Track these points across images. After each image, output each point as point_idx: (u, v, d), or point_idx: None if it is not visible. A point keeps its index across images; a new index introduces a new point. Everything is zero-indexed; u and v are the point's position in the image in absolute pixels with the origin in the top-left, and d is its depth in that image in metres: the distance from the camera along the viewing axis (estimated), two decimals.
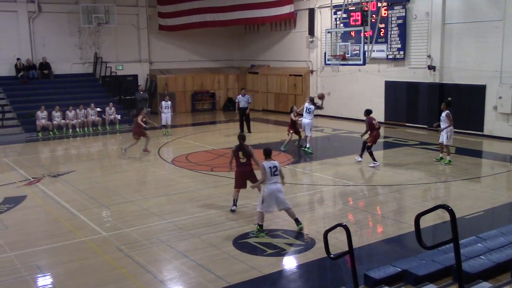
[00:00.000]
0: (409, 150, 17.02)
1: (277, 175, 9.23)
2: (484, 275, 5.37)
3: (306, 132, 16.85)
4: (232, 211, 10.59)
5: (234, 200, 10.67)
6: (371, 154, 14.73)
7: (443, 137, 14.60)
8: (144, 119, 16.92)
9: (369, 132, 14.89)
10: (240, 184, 10.49)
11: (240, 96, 20.70)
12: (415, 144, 18.04)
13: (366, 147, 14.85)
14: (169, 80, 28.35)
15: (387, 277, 5.73)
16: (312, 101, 17.13)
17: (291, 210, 9.53)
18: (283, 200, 9.33)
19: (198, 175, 14.17)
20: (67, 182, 13.51)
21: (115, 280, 7.52)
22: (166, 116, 20.58)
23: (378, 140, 15.36)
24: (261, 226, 9.29)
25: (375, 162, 14.67)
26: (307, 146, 16.84)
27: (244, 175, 10.40)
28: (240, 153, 10.36)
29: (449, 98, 18.85)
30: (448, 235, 4.43)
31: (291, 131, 17.16)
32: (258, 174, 9.99)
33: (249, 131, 20.60)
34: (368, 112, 15.08)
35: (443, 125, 14.56)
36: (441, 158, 15.00)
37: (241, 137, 10.66)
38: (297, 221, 9.47)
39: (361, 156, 15.13)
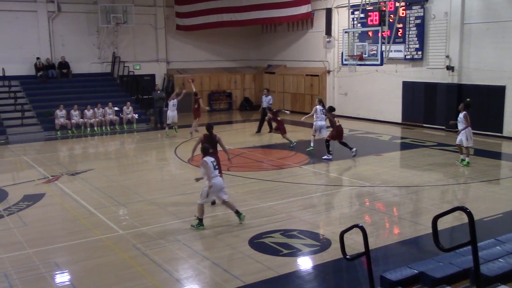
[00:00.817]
0: (426, 151, 16.87)
1: (217, 168, 9.77)
2: (502, 278, 5.30)
3: (322, 133, 16.91)
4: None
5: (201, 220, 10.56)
6: (327, 147, 15.73)
7: (461, 139, 14.43)
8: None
9: (331, 128, 15.91)
10: None
11: (263, 96, 21.16)
12: (433, 145, 17.87)
13: (326, 141, 15.80)
14: (186, 79, 28.44)
15: (404, 279, 5.68)
16: (322, 103, 17.32)
17: (229, 203, 9.88)
18: (224, 192, 9.82)
19: None
20: (85, 180, 13.66)
21: (132, 278, 7.58)
22: (173, 114, 20.35)
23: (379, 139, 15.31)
24: (200, 220, 9.57)
25: (328, 155, 15.67)
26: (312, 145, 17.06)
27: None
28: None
29: (468, 99, 18.65)
30: (466, 237, 4.39)
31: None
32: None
33: (270, 131, 20.75)
34: (330, 109, 16.06)
35: (460, 126, 14.39)
36: (462, 160, 14.77)
37: (209, 127, 11.06)
38: (238, 213, 9.82)
39: (351, 149, 15.87)
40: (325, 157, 15.74)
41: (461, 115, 14.28)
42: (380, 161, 15.65)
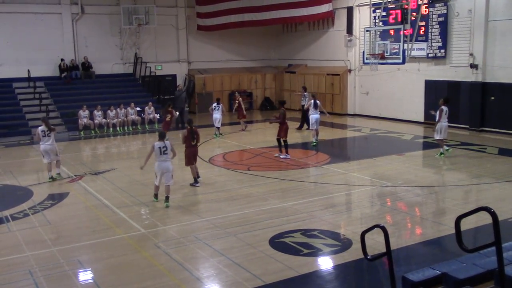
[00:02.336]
0: (449, 151, 16.60)
1: (166, 153, 11.15)
2: None
3: (316, 126, 17.90)
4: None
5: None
6: (286, 147, 15.68)
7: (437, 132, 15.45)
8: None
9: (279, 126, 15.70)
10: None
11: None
12: (456, 144, 17.59)
13: (283, 141, 15.64)
14: (207, 79, 28.62)
15: (426, 279, 5.61)
16: (314, 97, 18.46)
17: (169, 187, 11.21)
18: (169, 177, 11.19)
19: (235, 174, 14.26)
20: (107, 179, 13.83)
21: (153, 276, 7.65)
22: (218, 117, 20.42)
23: (376, 136, 15.15)
24: (155, 195, 11.44)
25: (287, 155, 15.62)
26: (316, 139, 17.97)
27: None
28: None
29: (492, 98, 18.55)
30: (490, 238, 4.32)
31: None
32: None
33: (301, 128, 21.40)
34: (282, 104, 16.32)
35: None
36: (441, 154, 15.50)
37: (190, 122, 12.65)
38: (166, 199, 11.15)
39: (286, 154, 15.69)
40: (283, 156, 15.68)
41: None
42: (402, 160, 15.49)
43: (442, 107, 15.23)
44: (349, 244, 8.74)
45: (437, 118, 15.28)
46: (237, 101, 21.88)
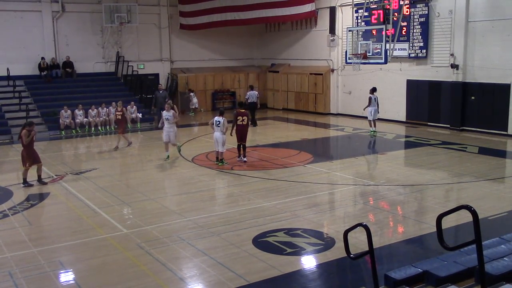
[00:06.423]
0: (431, 150, 16.82)
1: (219, 126, 14.19)
2: (507, 277, 5.27)
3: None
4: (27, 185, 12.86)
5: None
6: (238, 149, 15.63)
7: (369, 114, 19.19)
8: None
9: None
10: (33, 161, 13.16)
11: (251, 91, 22.59)
12: (437, 143, 17.81)
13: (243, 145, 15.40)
14: (190, 79, 28.50)
15: (408, 277, 5.67)
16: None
17: (222, 153, 14.50)
18: (220, 144, 14.35)
19: (218, 174, 14.23)
20: (89, 179, 13.69)
21: (136, 277, 7.59)
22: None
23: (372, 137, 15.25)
24: (216, 158, 14.65)
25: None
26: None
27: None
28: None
29: (473, 97, 19.05)
30: (471, 236, 4.38)
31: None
32: None
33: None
34: (241, 105, 16.44)
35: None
36: (372, 131, 19.24)
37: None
38: (221, 161, 14.55)
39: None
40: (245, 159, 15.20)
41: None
42: (384, 159, 15.62)
43: (370, 95, 19.03)
44: (332, 243, 8.78)
45: (367, 104, 19.13)
46: (118, 113, 18.63)
